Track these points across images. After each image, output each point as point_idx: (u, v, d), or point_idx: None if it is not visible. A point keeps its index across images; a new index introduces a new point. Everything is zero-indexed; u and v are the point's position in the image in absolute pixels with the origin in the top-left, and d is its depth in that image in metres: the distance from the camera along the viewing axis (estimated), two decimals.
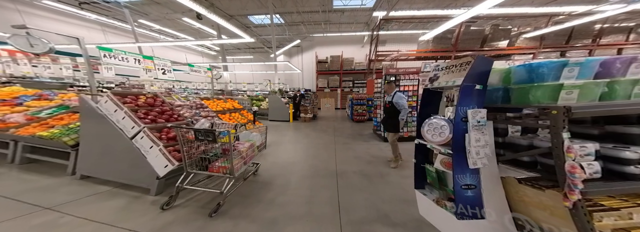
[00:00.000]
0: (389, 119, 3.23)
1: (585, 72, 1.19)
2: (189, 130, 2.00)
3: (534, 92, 1.24)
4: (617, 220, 1.09)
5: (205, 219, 1.74)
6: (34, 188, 2.13)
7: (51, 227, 1.53)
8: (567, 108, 1.07)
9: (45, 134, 2.41)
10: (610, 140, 1.28)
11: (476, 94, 1.43)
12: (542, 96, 1.22)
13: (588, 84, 1.16)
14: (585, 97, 1.16)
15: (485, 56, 1.46)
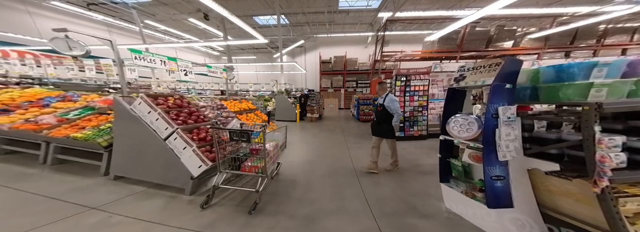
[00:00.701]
0: (381, 123, 2.90)
1: (613, 72, 1.29)
2: (223, 131, 2.09)
3: (565, 90, 1.34)
4: (639, 205, 1.19)
5: (246, 216, 1.83)
6: (74, 189, 2.20)
7: (106, 227, 1.62)
8: (598, 104, 1.17)
9: (79, 135, 2.49)
10: (633, 134, 1.38)
11: (506, 92, 1.53)
12: (573, 94, 1.31)
13: (616, 83, 1.25)
14: (614, 94, 1.26)
15: (514, 57, 1.56)
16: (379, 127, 2.93)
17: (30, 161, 2.86)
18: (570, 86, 1.32)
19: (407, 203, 2.08)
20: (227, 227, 1.66)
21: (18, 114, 3.00)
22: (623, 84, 1.26)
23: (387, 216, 1.88)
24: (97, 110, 3.23)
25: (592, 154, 1.17)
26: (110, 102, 3.47)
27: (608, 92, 1.25)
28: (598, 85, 1.25)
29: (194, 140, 2.30)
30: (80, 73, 3.76)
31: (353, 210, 1.98)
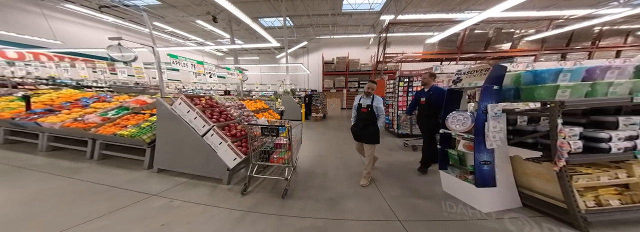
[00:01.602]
0: (368, 126, 2.60)
1: (575, 77, 1.66)
2: (256, 127, 2.46)
3: (539, 91, 1.71)
4: (588, 181, 1.55)
5: (280, 200, 2.17)
6: (128, 180, 2.54)
7: (171, 209, 1.96)
8: (561, 102, 1.54)
9: (126, 132, 2.84)
10: (593, 126, 1.75)
11: (494, 93, 1.90)
12: (545, 94, 1.68)
13: (577, 85, 1.62)
14: (575, 94, 1.63)
15: (501, 64, 1.92)
16: (365, 131, 2.61)
17: (77, 156, 3.21)
18: (543, 88, 1.69)
19: (410, 188, 2.45)
20: (268, 208, 2.01)
21: (64, 114, 3.36)
22: (582, 86, 1.63)
23: (394, 198, 2.24)
24: (131, 110, 3.59)
25: (554, 141, 1.54)
26: (142, 102, 3.84)
27: (571, 93, 1.62)
28: (563, 87, 1.62)
29: (227, 136, 2.66)
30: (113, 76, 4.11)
31: (367, 194, 2.34)
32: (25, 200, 2.03)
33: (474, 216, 1.82)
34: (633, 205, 1.54)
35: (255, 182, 2.60)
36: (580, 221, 1.46)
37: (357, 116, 2.70)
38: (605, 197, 1.55)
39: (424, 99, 3.06)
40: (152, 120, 3.20)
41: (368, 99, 2.63)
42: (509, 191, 1.91)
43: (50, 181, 2.42)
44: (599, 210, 1.51)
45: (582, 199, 1.52)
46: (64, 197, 2.11)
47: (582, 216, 1.47)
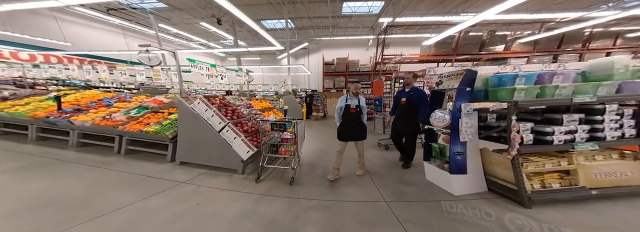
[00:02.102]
0: (357, 126, 2.76)
1: (529, 81, 2.05)
2: (266, 123, 2.85)
3: (501, 92, 2.10)
4: (535, 167, 1.95)
5: (288, 186, 2.56)
6: (157, 171, 2.91)
7: (200, 193, 2.34)
8: (515, 102, 1.93)
9: (150, 129, 3.23)
10: (546, 122, 2.14)
11: (467, 94, 2.29)
12: (505, 95, 2.07)
13: (530, 88, 2.01)
14: (528, 95, 2.01)
15: (472, 69, 2.30)
16: (356, 131, 2.76)
17: (105, 151, 3.60)
18: (504, 90, 2.08)
19: (399, 177, 2.84)
20: (280, 192, 2.41)
21: (92, 113, 3.75)
22: (534, 89, 2.02)
23: (384, 185, 2.63)
24: (151, 109, 3.98)
25: (509, 134, 1.93)
26: (159, 102, 4.23)
27: (525, 94, 2.01)
28: (519, 90, 2.00)
29: (240, 132, 3.05)
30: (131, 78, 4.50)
31: (361, 182, 2.73)
32: (84, 186, 2.43)
33: (446, 198, 2.21)
34: (570, 187, 1.93)
35: (266, 171, 2.99)
36: (526, 200, 1.86)
37: (346, 116, 2.75)
38: (549, 181, 1.94)
39: (405, 99, 3.10)
40: (172, 118, 3.60)
41: (355, 99, 2.74)
42: (478, 177, 2.31)
43: (93, 172, 2.82)
44: (542, 191, 1.90)
45: (530, 182, 1.91)
46: (113, 184, 2.50)
47: (528, 196, 1.86)
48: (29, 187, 2.35)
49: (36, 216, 1.81)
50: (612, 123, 1.98)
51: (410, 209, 2.04)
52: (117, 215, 1.88)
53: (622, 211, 1.84)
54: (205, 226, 1.75)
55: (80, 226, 1.70)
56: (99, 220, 1.80)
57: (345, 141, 2.81)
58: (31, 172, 2.74)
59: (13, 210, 1.90)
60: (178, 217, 1.86)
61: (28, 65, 6.09)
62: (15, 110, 3.85)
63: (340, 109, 2.84)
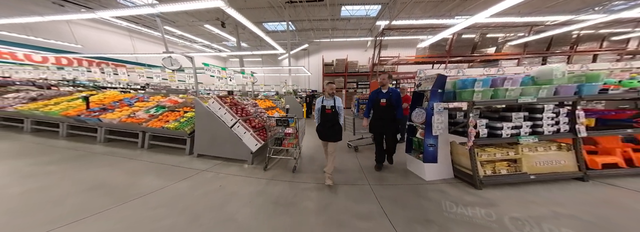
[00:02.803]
0: (334, 125, 2.77)
1: (485, 84, 2.53)
2: (271, 119, 3.34)
3: (464, 94, 2.59)
4: (488, 156, 2.44)
5: (291, 173, 3.05)
6: (179, 162, 3.40)
7: (219, 178, 2.83)
8: (473, 102, 2.42)
9: (171, 126, 3.73)
10: (501, 119, 2.63)
11: (438, 94, 2.78)
12: (467, 96, 2.56)
13: (486, 90, 2.50)
14: (484, 97, 2.50)
15: (443, 74, 2.78)
16: (333, 131, 2.77)
17: (129, 146, 4.10)
18: (466, 92, 2.57)
19: (384, 167, 3.33)
20: (284, 178, 2.90)
21: (117, 111, 4.25)
22: (488, 91, 2.50)
23: (370, 172, 3.13)
24: (167, 108, 4.47)
25: (467, 129, 2.42)
26: (174, 102, 4.73)
27: (482, 96, 2.50)
28: (477, 92, 2.49)
29: (249, 127, 3.55)
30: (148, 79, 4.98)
31: (352, 169, 3.23)
32: (123, 173, 2.93)
33: (418, 182, 2.71)
34: (515, 173, 2.41)
35: (272, 161, 3.49)
36: (478, 183, 2.35)
37: (323, 117, 2.79)
38: (499, 167, 2.43)
39: (385, 100, 3.07)
40: (188, 116, 4.09)
41: (331, 100, 2.78)
42: (446, 166, 2.80)
43: (125, 162, 3.32)
44: (492, 176, 2.39)
45: (483, 169, 2.40)
46: (145, 172, 3.01)
47: (480, 180, 2.36)
48: (81, 174, 2.85)
49: (101, 195, 2.32)
50: (549, 120, 2.47)
51: (387, 190, 2.54)
52: (161, 193, 2.38)
53: (553, 192, 2.32)
54: (230, 200, 2.26)
55: (139, 199, 2.22)
56: (150, 195, 2.31)
57: (322, 140, 2.89)
58: (75, 163, 3.24)
59: (82, 190, 2.41)
60: (208, 195, 2.37)
61: (53, 67, 6.57)
62: (49, 110, 4.36)
63: (318, 111, 2.88)
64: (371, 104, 3.25)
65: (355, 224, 1.86)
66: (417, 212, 2.02)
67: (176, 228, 1.76)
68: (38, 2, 9.88)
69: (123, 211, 2.01)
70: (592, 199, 2.16)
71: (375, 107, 3.19)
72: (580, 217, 1.85)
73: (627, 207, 2.02)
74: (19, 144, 4.07)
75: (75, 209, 1.99)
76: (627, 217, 1.87)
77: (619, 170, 2.50)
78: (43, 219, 1.82)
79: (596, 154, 2.67)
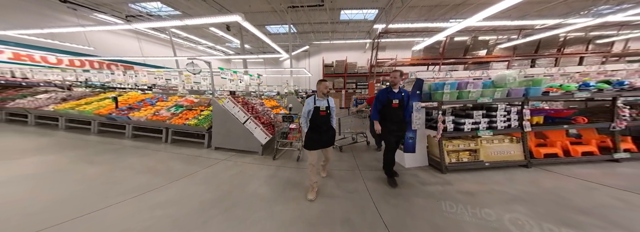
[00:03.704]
0: (330, 129, 2.53)
1: (452, 87, 3.16)
2: (278, 116, 3.97)
3: (436, 95, 3.22)
4: (453, 147, 3.07)
5: (296, 162, 3.66)
6: (200, 153, 4.01)
7: (237, 165, 3.44)
8: (442, 102, 3.05)
9: (192, 122, 4.35)
10: (466, 116, 3.25)
11: (417, 95, 3.40)
12: (438, 97, 3.18)
13: (453, 92, 3.12)
14: (451, 98, 3.12)
15: (421, 78, 3.39)
16: (329, 134, 2.51)
17: (153, 141, 4.74)
18: (437, 93, 3.19)
19: (376, 159, 3.96)
20: (290, 164, 3.54)
21: (143, 110, 4.88)
22: (454, 92, 3.13)
23: (363, 165, 3.76)
24: (185, 107, 5.10)
25: (438, 124, 3.04)
26: (191, 101, 5.36)
27: (449, 97, 3.12)
28: (445, 93, 3.11)
29: (259, 123, 4.18)
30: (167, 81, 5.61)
31: (347, 159, 3.86)
32: (157, 162, 3.56)
33: (398, 168, 3.34)
34: (474, 161, 3.04)
35: (279, 152, 4.13)
36: (444, 169, 2.98)
37: (317, 120, 2.43)
38: (462, 156, 3.06)
39: (397, 101, 2.77)
40: (205, 114, 4.72)
41: (324, 100, 2.47)
42: (422, 156, 3.43)
43: (156, 154, 3.95)
44: (455, 163, 3.02)
45: (449, 157, 3.03)
46: (175, 161, 3.64)
47: (445, 166, 2.99)
48: (126, 162, 3.49)
49: (150, 177, 2.96)
50: (502, 117, 3.09)
51: (373, 174, 3.17)
52: (196, 175, 3.03)
53: (499, 175, 2.93)
54: (250, 181, 2.90)
55: (181, 180, 2.86)
56: (188, 177, 2.95)
57: (317, 149, 2.44)
58: (116, 154, 3.89)
59: (134, 173, 3.06)
60: (232, 177, 3.01)
61: (79, 70, 7.20)
62: (84, 109, 4.99)
63: (309, 113, 2.49)
64: (380, 105, 2.86)
65: (345, 195, 2.50)
66: (392, 189, 2.65)
67: (217, 199, 2.39)
68: (53, 7, 10.52)
69: (173, 187, 2.65)
70: (525, 180, 2.78)
71: (387, 109, 2.81)
72: (509, 192, 2.48)
73: (548, 185, 2.64)
74: (60, 139, 4.70)
75: (136, 186, 2.62)
76: (543, 191, 2.50)
77: (557, 159, 3.12)
78: (116, 193, 2.46)
79: (544, 146, 3.30)
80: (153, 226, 1.87)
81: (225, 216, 2.06)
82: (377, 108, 2.90)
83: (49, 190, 2.47)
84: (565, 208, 2.12)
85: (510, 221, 1.94)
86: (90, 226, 1.84)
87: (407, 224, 1.93)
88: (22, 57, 10.12)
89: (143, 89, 11.77)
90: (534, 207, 2.14)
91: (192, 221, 1.97)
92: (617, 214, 1.99)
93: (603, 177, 2.72)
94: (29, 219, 1.86)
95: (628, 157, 3.13)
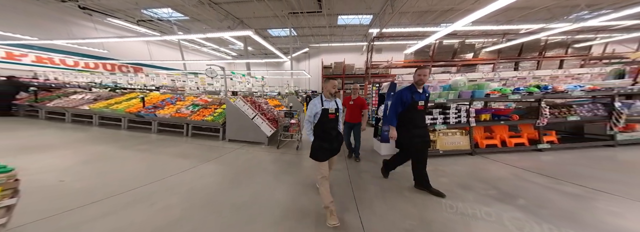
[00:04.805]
0: (339, 134, 2.29)
1: None
2: (280, 112, 4.90)
3: None
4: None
5: (295, 151, 4.58)
6: (218, 144, 4.93)
7: (249, 152, 4.37)
8: None
9: (209, 118, 5.28)
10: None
11: (390, 96, 4.32)
12: None
13: None
14: None
15: (394, 82, 4.30)
16: (339, 142, 2.25)
17: (176, 135, 5.68)
18: None
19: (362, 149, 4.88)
20: (291, 152, 4.48)
21: (166, 108, 5.81)
22: None
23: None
24: (201, 106, 6.04)
25: None
26: (205, 100, 6.29)
27: None
28: None
29: (265, 118, 5.10)
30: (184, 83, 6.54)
31: None
32: (186, 150, 4.50)
33: (375, 155, 4.27)
34: (432, 149, 3.96)
35: (282, 143, 5.07)
36: None
37: (325, 124, 2.13)
38: None
39: (423, 103, 2.46)
40: (218, 111, 5.64)
41: (332, 101, 2.16)
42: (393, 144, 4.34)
43: (182, 144, 4.89)
44: None
45: None
46: (199, 150, 4.57)
47: None
48: (162, 150, 4.44)
49: (186, 160, 3.91)
50: (454, 114, 4.00)
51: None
52: (220, 159, 3.97)
53: (447, 160, 3.81)
54: (261, 162, 3.85)
55: (213, 161, 3.82)
56: (216, 160, 3.89)
57: (327, 158, 2.16)
58: (151, 145, 4.83)
59: (171, 158, 4.01)
60: (248, 159, 3.96)
61: (106, 73, 8.13)
62: (116, 108, 5.94)
63: (314, 117, 2.17)
64: (402, 107, 2.52)
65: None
66: (365, 169, 3.58)
67: (241, 172, 3.34)
68: (72, 13, 11.46)
69: (207, 166, 3.59)
70: (464, 164, 3.68)
71: (411, 112, 2.47)
72: (446, 171, 3.39)
73: (476, 167, 3.53)
74: (97, 134, 5.64)
75: (177, 166, 3.55)
76: (469, 170, 3.39)
77: (496, 148, 4.04)
78: (169, 169, 3.39)
79: (491, 139, 4.20)
80: (207, 185, 2.84)
81: (249, 180, 3.03)
82: (397, 111, 2.53)
83: (120, 167, 3.44)
84: (473, 179, 3.04)
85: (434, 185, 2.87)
86: (168, 185, 2.81)
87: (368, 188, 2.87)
88: (44, 60, 11.05)
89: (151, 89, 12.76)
90: (453, 179, 3.07)
91: (229, 183, 2.95)
92: (504, 183, 2.90)
93: (519, 162, 3.62)
94: (124, 184, 2.80)
95: (549, 148, 4.04)
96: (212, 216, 2.14)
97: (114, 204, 2.32)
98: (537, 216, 2.08)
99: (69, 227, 1.90)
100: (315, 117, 2.19)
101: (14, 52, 9.84)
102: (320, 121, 2.16)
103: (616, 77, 4.69)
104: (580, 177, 2.96)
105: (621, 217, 2.04)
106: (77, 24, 11.90)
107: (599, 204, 2.29)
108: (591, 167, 3.32)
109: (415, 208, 2.30)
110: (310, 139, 2.26)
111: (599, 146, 4.18)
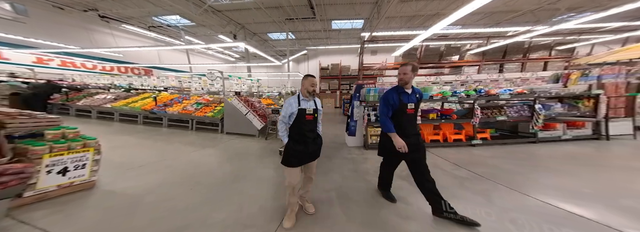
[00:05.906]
0: (318, 137, 2.10)
1: (375, 91, 5.06)
2: (268, 109, 5.95)
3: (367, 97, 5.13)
4: (374, 131, 4.98)
5: (281, 142, 5.65)
6: (217, 136, 6.01)
7: (243, 142, 5.46)
8: (367, 101, 4.95)
9: (210, 114, 6.38)
10: None
11: (357, 96, 5.35)
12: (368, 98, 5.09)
13: (375, 94, 5.02)
14: (375, 98, 5.01)
15: (361, 83, 5.27)
16: (316, 145, 2.06)
17: (182, 129, 6.81)
18: (368, 95, 5.09)
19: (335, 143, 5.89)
20: (276, 142, 5.52)
21: (175, 106, 6.95)
22: (376, 95, 5.03)
23: (333, 139, 5.69)
24: (203, 104, 7.15)
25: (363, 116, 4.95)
26: (207, 100, 7.40)
27: (373, 98, 5.01)
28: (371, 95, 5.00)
29: (256, 114, 6.16)
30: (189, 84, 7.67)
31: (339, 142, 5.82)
32: (192, 140, 5.63)
33: (344, 146, 5.25)
34: None
35: (270, 135, 6.12)
36: (366, 146, 4.89)
37: (302, 126, 1.95)
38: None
39: (413, 105, 2.16)
40: (218, 109, 6.74)
41: (311, 101, 2.01)
42: (360, 138, 5.33)
43: (189, 136, 6.03)
44: (374, 143, 4.91)
45: (371, 138, 4.92)
46: (204, 140, 5.67)
47: (367, 144, 4.89)
48: (175, 139, 5.57)
49: (192, 146, 5.02)
50: None
51: (330, 150, 5.08)
52: (220, 146, 5.07)
53: None
54: (250, 148, 4.94)
55: (213, 147, 4.95)
56: (216, 147, 4.99)
57: (300, 165, 2.00)
58: (165, 136, 5.98)
59: (182, 145, 5.13)
60: (242, 147, 5.06)
61: (124, 75, 9.38)
62: (134, 106, 7.12)
63: (290, 117, 1.98)
64: (391, 111, 2.19)
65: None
66: (331, 155, 4.59)
67: (235, 155, 4.41)
68: (92, 21, 12.83)
69: (208, 151, 4.69)
70: None
71: (400, 116, 2.17)
72: None
73: None
74: (119, 128, 6.82)
75: (186, 150, 4.66)
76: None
77: (438, 143, 4.96)
78: (182, 151, 4.50)
79: (437, 135, 5.10)
80: (208, 161, 3.97)
81: (240, 160, 4.12)
82: (387, 115, 2.19)
83: (146, 150, 4.60)
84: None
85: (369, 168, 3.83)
86: (181, 161, 3.94)
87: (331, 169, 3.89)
88: (67, 63, 12.47)
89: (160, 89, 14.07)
90: None
91: (226, 161, 4.05)
92: None
93: (450, 154, 4.35)
94: (151, 160, 3.94)
95: (480, 143, 4.91)
96: (210, 177, 3.24)
97: (150, 168, 3.51)
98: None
99: (133, 177, 3.12)
100: (290, 118, 1.97)
101: (43, 57, 11.23)
102: (297, 123, 1.94)
103: (554, 81, 5.51)
104: (478, 165, 3.55)
105: (474, 192, 2.68)
106: (97, 31, 13.30)
107: (469, 183, 2.96)
108: (500, 159, 3.90)
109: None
110: (284, 141, 2.04)
111: (524, 143, 4.98)
